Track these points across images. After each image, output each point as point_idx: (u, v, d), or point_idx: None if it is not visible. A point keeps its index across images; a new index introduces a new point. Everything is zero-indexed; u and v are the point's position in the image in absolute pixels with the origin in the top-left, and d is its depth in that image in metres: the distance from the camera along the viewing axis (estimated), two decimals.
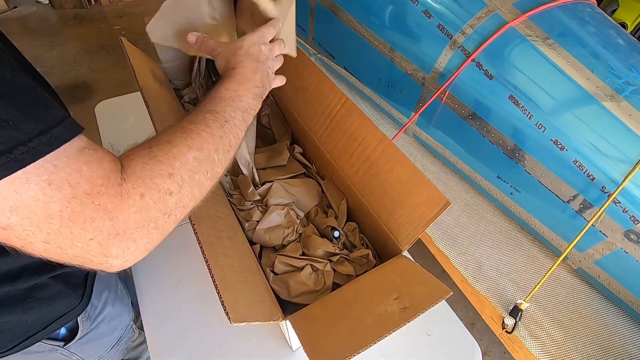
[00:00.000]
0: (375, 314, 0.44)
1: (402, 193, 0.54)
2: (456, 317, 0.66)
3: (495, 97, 0.96)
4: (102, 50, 2.37)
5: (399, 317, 0.42)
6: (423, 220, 0.51)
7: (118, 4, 2.84)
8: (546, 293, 0.96)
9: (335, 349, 0.39)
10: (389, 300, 0.45)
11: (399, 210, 0.55)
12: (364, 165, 0.61)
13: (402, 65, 1.14)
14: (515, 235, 1.09)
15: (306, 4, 1.38)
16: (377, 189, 0.59)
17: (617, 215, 0.84)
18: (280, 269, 0.59)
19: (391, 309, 0.44)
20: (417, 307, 0.42)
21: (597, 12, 1.04)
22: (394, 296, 0.45)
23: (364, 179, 0.61)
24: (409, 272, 0.51)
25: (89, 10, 2.77)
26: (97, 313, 0.58)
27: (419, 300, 0.43)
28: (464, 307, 1.25)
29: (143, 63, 0.72)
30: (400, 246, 0.55)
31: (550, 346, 0.88)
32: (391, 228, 0.56)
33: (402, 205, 0.54)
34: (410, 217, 0.53)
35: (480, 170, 1.08)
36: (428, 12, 1.04)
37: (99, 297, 0.58)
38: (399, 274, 0.52)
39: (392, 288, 0.48)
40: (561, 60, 0.89)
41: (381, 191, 0.58)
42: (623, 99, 0.84)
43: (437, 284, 0.46)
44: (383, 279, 0.53)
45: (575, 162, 0.87)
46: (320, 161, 0.72)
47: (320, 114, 0.68)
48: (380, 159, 0.58)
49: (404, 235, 0.54)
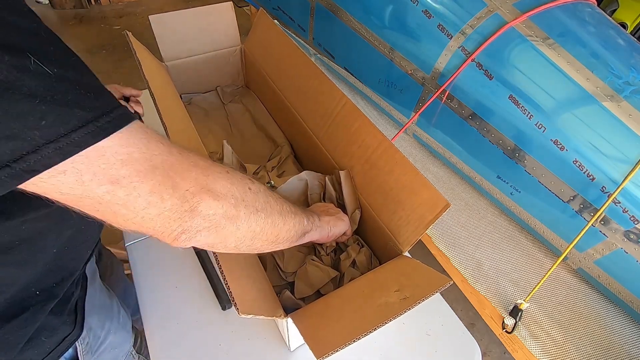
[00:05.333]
0: (375, 306, 0.44)
1: (402, 195, 0.54)
2: (456, 317, 0.66)
3: (495, 97, 0.96)
4: (102, 50, 2.36)
5: (399, 306, 0.42)
6: (423, 222, 0.51)
7: (118, 4, 2.84)
8: (546, 293, 0.96)
9: (335, 337, 0.40)
10: (389, 293, 0.45)
11: (399, 211, 0.55)
12: (365, 167, 0.61)
13: (402, 65, 1.14)
14: (515, 235, 1.08)
15: (306, 4, 1.38)
16: (377, 190, 0.59)
17: (617, 215, 0.84)
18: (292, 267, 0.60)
19: (391, 300, 0.44)
20: (417, 295, 0.42)
21: (597, 12, 1.04)
22: (394, 289, 0.46)
23: (365, 180, 0.61)
24: (410, 268, 0.52)
25: (89, 10, 2.76)
26: (99, 343, 0.57)
27: (419, 290, 0.44)
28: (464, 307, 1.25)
29: (148, 58, 0.72)
30: (401, 247, 0.55)
31: (550, 346, 0.88)
32: (392, 229, 0.56)
33: (402, 207, 0.54)
34: (410, 219, 0.53)
35: (480, 170, 1.08)
36: (428, 12, 1.04)
37: (102, 326, 0.57)
38: (400, 271, 0.52)
39: (393, 282, 0.48)
40: (561, 60, 0.89)
41: (381, 193, 0.58)
42: (623, 99, 0.84)
43: (437, 275, 0.46)
44: (384, 276, 0.53)
45: (575, 162, 0.87)
46: (320, 161, 0.72)
47: (322, 114, 0.68)
48: (380, 160, 0.58)
49: (404, 237, 0.54)
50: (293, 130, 0.82)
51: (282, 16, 1.56)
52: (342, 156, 0.65)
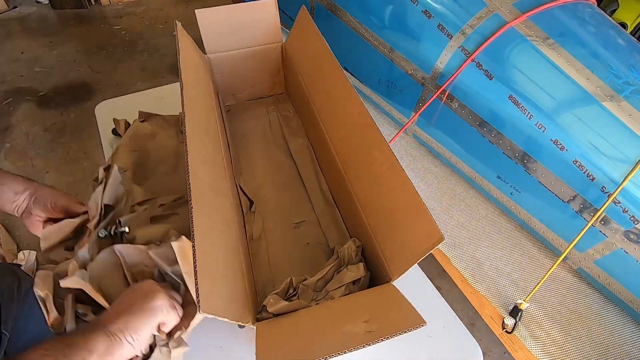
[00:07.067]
0: (340, 333, 0.44)
1: (399, 219, 0.53)
2: (456, 317, 0.66)
3: (495, 97, 0.96)
4: (102, 50, 2.36)
5: (362, 338, 0.41)
6: (416, 252, 0.49)
7: (118, 4, 2.84)
8: (546, 293, 0.97)
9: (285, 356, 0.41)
10: (358, 322, 0.44)
11: (395, 236, 0.53)
12: (370, 181, 0.60)
13: (402, 65, 1.14)
14: (515, 235, 1.08)
15: (306, 4, 1.38)
16: (380, 210, 0.57)
17: (617, 215, 0.84)
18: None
19: (357, 330, 0.43)
20: (383, 331, 0.41)
21: (597, 12, 1.04)
22: (364, 318, 0.45)
23: (368, 197, 0.60)
24: (390, 300, 0.50)
25: (89, 10, 2.76)
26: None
27: (389, 325, 0.43)
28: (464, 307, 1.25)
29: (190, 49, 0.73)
30: (390, 275, 0.54)
31: (550, 346, 0.88)
32: (385, 254, 0.55)
33: (398, 232, 0.53)
34: (405, 245, 0.51)
35: (480, 170, 1.08)
36: (428, 12, 1.04)
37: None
38: (379, 300, 0.51)
39: (366, 311, 0.47)
40: (561, 60, 0.89)
41: (383, 213, 0.56)
42: (623, 99, 0.84)
43: (414, 314, 0.44)
44: (360, 302, 0.52)
45: (575, 162, 0.87)
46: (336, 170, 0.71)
47: (341, 122, 0.68)
48: (385, 176, 0.56)
49: (397, 264, 0.53)
50: (315, 135, 0.82)
51: (282, 16, 1.56)
52: (351, 167, 0.65)
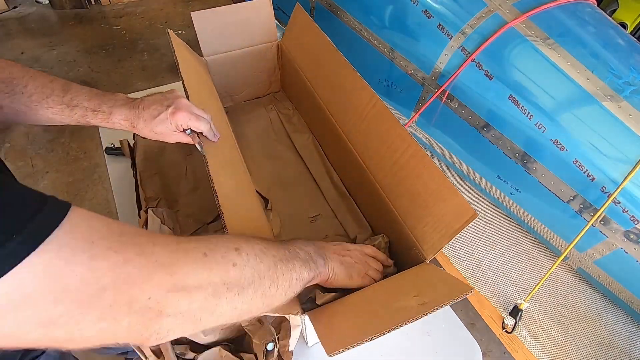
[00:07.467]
0: (392, 309, 0.44)
1: (429, 200, 0.53)
2: (456, 317, 0.66)
3: (495, 97, 0.96)
4: (102, 50, 2.36)
5: (417, 310, 0.41)
6: (449, 231, 0.50)
7: (118, 4, 2.84)
8: (546, 293, 0.96)
9: (348, 335, 0.40)
10: (407, 298, 0.45)
11: (426, 218, 0.53)
12: (393, 169, 0.59)
13: (402, 65, 1.14)
14: (515, 235, 1.08)
15: (306, 4, 1.38)
16: (405, 194, 0.57)
17: (617, 215, 0.84)
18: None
19: (410, 304, 0.43)
20: (436, 301, 0.42)
21: (597, 12, 1.04)
22: (413, 294, 0.45)
23: (392, 183, 0.60)
24: (432, 275, 0.51)
25: (89, 10, 2.76)
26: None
27: (439, 296, 0.43)
28: (464, 307, 1.25)
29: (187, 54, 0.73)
30: (425, 254, 0.54)
31: (550, 346, 0.88)
32: (417, 235, 0.55)
33: (429, 213, 0.53)
34: (436, 226, 0.52)
35: (480, 170, 1.08)
36: (428, 12, 1.04)
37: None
38: (421, 277, 0.52)
39: (412, 288, 0.48)
40: (561, 60, 0.89)
41: (409, 197, 0.56)
42: (623, 99, 0.84)
43: (459, 283, 0.45)
44: (404, 281, 0.52)
45: (575, 162, 0.87)
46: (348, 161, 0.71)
47: (352, 113, 0.68)
48: (409, 164, 0.56)
49: (429, 244, 0.53)
50: (322, 128, 0.81)
51: (282, 16, 1.56)
52: (371, 157, 0.64)
